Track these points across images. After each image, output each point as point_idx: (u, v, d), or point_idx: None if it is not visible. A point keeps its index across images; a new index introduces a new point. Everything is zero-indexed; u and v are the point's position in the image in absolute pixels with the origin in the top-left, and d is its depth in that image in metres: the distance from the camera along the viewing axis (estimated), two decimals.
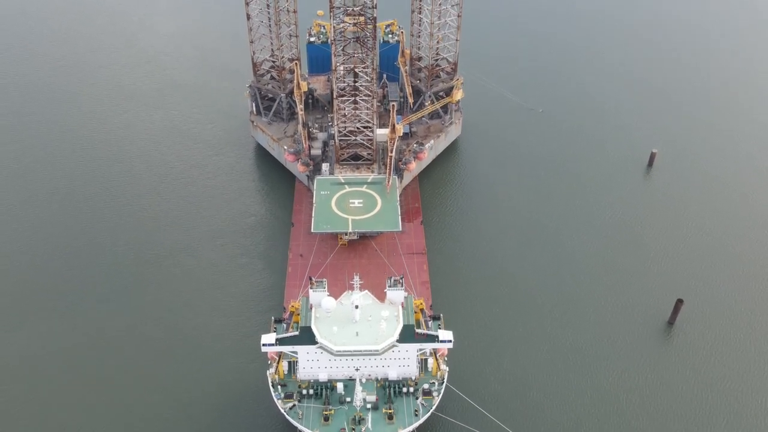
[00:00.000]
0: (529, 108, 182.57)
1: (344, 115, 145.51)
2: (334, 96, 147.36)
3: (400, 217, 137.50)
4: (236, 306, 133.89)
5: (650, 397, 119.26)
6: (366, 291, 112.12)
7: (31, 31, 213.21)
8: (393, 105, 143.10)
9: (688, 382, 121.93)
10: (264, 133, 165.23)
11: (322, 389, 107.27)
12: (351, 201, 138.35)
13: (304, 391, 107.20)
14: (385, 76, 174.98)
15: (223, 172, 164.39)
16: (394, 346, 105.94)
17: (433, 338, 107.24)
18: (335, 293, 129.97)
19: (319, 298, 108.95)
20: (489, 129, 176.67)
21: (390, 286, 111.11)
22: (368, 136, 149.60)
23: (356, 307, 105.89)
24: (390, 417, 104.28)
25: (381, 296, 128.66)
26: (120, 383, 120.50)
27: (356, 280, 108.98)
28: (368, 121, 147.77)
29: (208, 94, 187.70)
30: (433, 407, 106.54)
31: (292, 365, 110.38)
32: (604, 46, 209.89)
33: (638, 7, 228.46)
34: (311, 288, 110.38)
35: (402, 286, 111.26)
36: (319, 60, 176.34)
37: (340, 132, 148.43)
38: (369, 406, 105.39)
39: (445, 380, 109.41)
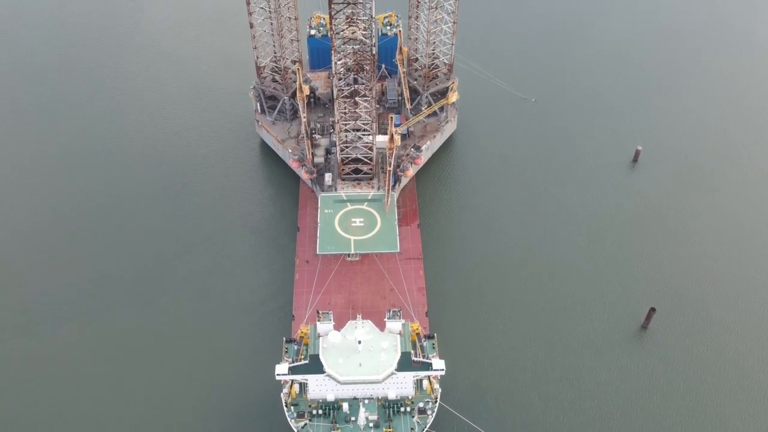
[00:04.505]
0: (521, 97, 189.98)
1: (344, 113, 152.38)
2: (335, 96, 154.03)
3: (398, 237, 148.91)
4: (247, 314, 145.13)
5: (631, 400, 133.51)
6: (368, 321, 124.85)
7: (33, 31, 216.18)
8: (391, 118, 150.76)
9: (659, 382, 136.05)
10: (269, 133, 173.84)
11: (329, 409, 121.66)
12: (353, 220, 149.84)
13: (314, 411, 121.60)
14: (384, 68, 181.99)
15: (229, 170, 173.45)
16: (393, 374, 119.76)
17: (428, 366, 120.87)
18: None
19: (326, 330, 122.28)
20: (483, 123, 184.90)
21: (389, 318, 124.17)
22: (368, 144, 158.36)
23: (359, 342, 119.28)
24: None
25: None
26: (132, 393, 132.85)
27: (359, 318, 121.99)
28: (367, 127, 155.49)
29: (215, 88, 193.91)
30: (428, 425, 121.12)
31: (303, 386, 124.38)
32: (598, 37, 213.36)
33: (633, 2, 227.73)
34: (318, 321, 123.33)
35: (400, 317, 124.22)
36: (320, 53, 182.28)
37: (341, 143, 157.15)
38: (371, 425, 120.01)
39: (438, 399, 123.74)
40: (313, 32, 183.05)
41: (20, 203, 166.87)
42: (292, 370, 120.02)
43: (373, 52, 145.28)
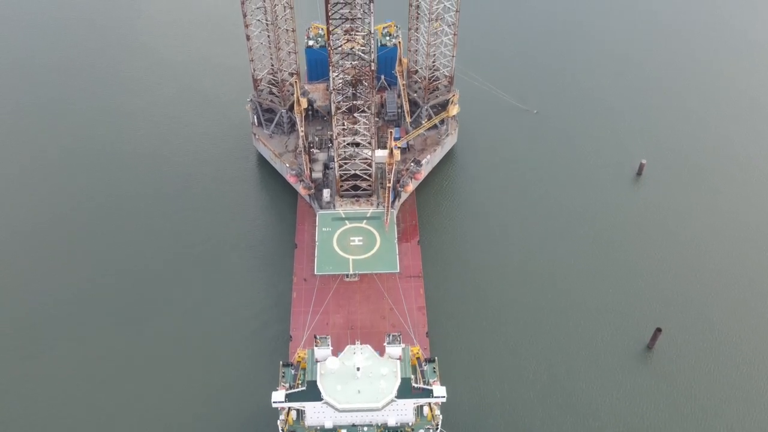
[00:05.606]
0: (523, 109, 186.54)
1: (343, 129, 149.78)
2: (333, 112, 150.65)
3: (397, 256, 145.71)
4: (243, 334, 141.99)
5: (636, 423, 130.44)
6: (367, 346, 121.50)
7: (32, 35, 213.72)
8: (391, 133, 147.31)
9: (665, 403, 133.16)
10: (266, 147, 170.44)
11: None
12: (351, 239, 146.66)
13: None
14: (383, 79, 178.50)
15: (225, 184, 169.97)
16: (392, 401, 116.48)
17: (429, 393, 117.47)
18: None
19: (324, 356, 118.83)
20: (484, 135, 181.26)
21: (389, 342, 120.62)
22: (367, 160, 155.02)
23: (358, 369, 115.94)
24: None
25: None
26: (126, 415, 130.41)
27: (358, 343, 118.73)
28: (366, 142, 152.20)
29: (211, 98, 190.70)
30: None
31: (300, 412, 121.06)
32: (600, 42, 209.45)
33: (635, 11, 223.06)
34: (316, 346, 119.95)
35: (399, 342, 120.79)
36: (319, 64, 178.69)
37: (339, 159, 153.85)
38: None
39: (439, 426, 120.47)
40: (311, 43, 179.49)
41: (20, 203, 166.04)
42: (289, 397, 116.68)
43: (372, 68, 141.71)
